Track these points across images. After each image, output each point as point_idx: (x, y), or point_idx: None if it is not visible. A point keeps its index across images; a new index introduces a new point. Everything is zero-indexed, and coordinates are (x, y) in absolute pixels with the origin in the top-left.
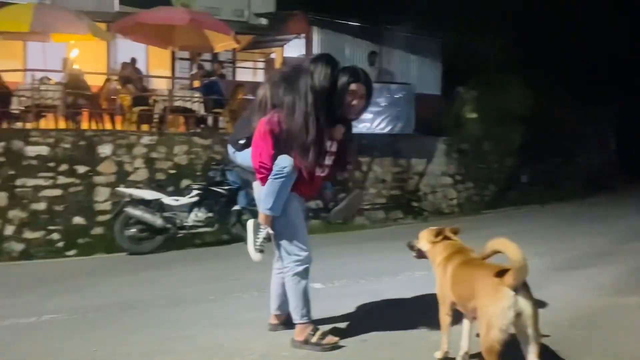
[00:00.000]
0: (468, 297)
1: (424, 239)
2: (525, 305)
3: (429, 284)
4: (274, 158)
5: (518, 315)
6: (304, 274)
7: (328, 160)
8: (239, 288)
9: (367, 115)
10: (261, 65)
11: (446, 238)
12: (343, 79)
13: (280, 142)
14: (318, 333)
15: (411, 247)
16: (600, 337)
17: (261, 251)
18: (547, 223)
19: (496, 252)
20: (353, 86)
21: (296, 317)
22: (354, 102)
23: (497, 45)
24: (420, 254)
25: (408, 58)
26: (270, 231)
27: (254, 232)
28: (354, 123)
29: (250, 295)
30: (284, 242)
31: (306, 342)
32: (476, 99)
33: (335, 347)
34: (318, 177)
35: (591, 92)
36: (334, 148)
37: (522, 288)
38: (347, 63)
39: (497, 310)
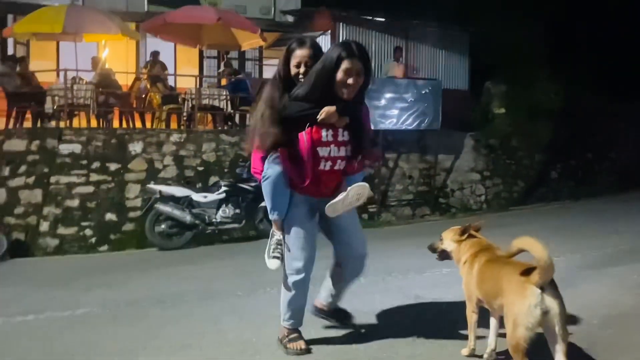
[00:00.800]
0: (495, 295)
1: (448, 239)
2: (552, 303)
3: (456, 281)
4: (264, 160)
5: (545, 313)
6: (294, 286)
7: (340, 152)
8: (266, 283)
9: (393, 111)
10: None
11: (471, 236)
12: (333, 56)
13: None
14: (291, 336)
15: (434, 249)
16: (631, 338)
17: (276, 257)
18: (579, 220)
19: (522, 250)
20: (346, 63)
21: (281, 318)
22: (349, 80)
23: (527, 38)
24: (444, 255)
25: (435, 52)
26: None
27: (270, 238)
28: (380, 117)
29: (279, 290)
30: (286, 247)
31: (280, 341)
32: (505, 94)
33: (299, 353)
34: (329, 173)
35: (626, 86)
36: (344, 137)
37: (549, 286)
38: (374, 58)
39: (523, 308)
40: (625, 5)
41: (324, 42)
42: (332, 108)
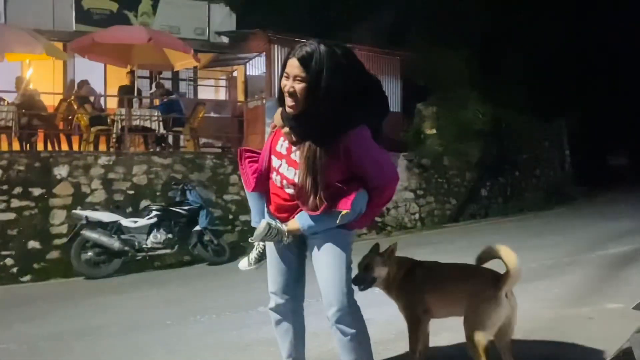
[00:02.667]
0: (454, 304)
1: (377, 265)
2: (512, 310)
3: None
4: None
5: (507, 319)
6: (271, 317)
7: (289, 172)
8: (198, 311)
9: None
10: (223, 83)
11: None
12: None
13: None
14: None
15: (363, 280)
16: (553, 349)
17: (252, 264)
18: (506, 236)
19: (494, 257)
20: (286, 64)
21: None
22: (285, 85)
23: (456, 61)
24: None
25: None
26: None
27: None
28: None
29: (209, 318)
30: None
31: None
32: (435, 115)
33: None
34: (280, 190)
35: (547, 107)
36: (295, 157)
37: (510, 293)
38: None
39: (493, 312)
40: (547, 31)
41: (259, 63)
42: (278, 111)
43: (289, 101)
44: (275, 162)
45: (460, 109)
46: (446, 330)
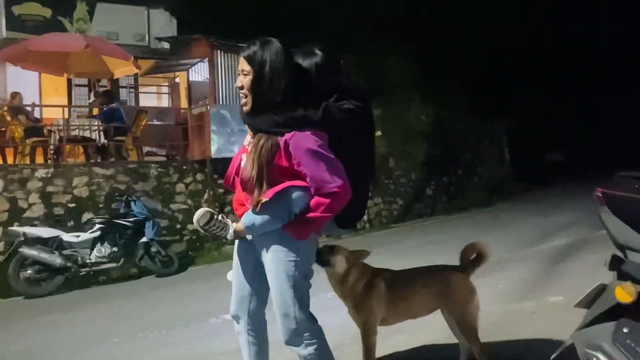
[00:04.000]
0: (421, 306)
1: (341, 255)
2: None
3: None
4: None
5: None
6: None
7: (246, 165)
8: (147, 326)
9: None
10: (165, 89)
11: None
12: None
13: None
14: None
15: (319, 255)
16: (499, 345)
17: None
18: (453, 233)
19: (476, 252)
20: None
21: None
22: (238, 82)
23: (399, 64)
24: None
25: None
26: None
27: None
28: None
29: (159, 333)
30: None
31: None
32: (380, 117)
33: None
34: (240, 183)
35: (487, 107)
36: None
37: None
38: None
39: (475, 299)
40: (488, 34)
41: (202, 69)
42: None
43: (241, 96)
44: (242, 155)
45: (405, 111)
46: (398, 333)
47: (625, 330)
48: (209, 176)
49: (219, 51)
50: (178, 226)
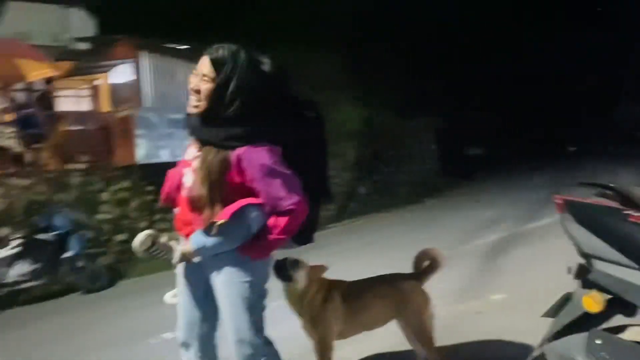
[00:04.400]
0: (379, 315)
1: (303, 272)
2: None
3: (284, 316)
4: None
5: None
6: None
7: (188, 181)
8: (74, 352)
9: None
10: (86, 93)
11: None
12: None
13: None
14: None
15: (280, 268)
16: (452, 348)
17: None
18: (388, 232)
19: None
20: (198, 64)
21: None
22: (191, 82)
23: (326, 63)
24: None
25: None
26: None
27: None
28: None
29: (98, 357)
30: None
31: None
32: None
33: None
34: (183, 203)
35: (414, 105)
36: (195, 164)
37: None
38: (182, 88)
39: (431, 312)
40: (414, 33)
41: (126, 71)
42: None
43: (192, 99)
44: (185, 169)
45: (335, 112)
46: (348, 344)
47: (598, 342)
48: (137, 183)
49: (144, 52)
50: (104, 237)
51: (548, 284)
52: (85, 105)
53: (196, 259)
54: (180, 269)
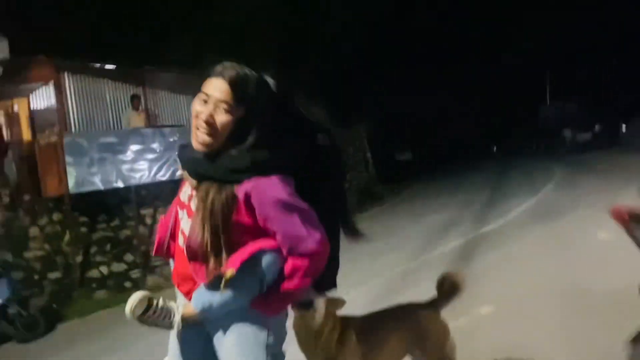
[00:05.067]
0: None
1: (323, 307)
2: None
3: None
4: None
5: None
6: None
7: (187, 227)
8: None
9: (142, 164)
10: (2, 120)
11: None
12: None
13: None
14: None
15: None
16: None
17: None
18: (343, 245)
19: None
20: (205, 85)
21: None
22: (198, 112)
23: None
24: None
25: (177, 98)
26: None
27: None
28: (129, 171)
29: None
30: None
31: None
32: None
33: None
34: (180, 253)
35: (346, 114)
36: (193, 205)
37: None
38: (109, 109)
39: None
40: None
41: (47, 94)
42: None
43: (202, 133)
44: (180, 213)
45: None
46: None
47: None
48: (68, 214)
49: (66, 73)
50: (36, 277)
51: (528, 291)
52: (2, 134)
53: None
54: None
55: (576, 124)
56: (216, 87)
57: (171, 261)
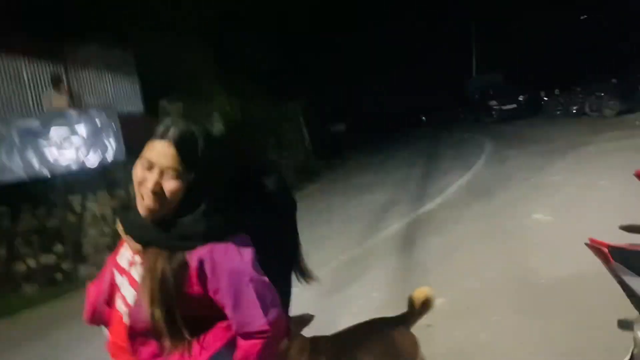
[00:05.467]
0: None
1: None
2: None
3: None
4: None
5: None
6: None
7: (128, 295)
8: None
9: (67, 149)
10: None
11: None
12: None
13: None
14: None
15: None
16: None
17: None
18: None
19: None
20: (148, 148)
21: None
22: (145, 180)
23: (197, 56)
24: None
25: (100, 77)
26: None
27: None
28: (54, 157)
29: None
30: None
31: None
32: (182, 110)
33: None
34: (118, 324)
35: (282, 90)
36: (136, 276)
37: None
38: (27, 89)
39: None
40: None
41: None
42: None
43: (149, 201)
44: (117, 278)
45: (207, 107)
46: None
47: None
48: None
49: None
50: None
51: (476, 279)
52: None
53: None
54: None
55: (501, 94)
56: (161, 153)
57: (104, 329)
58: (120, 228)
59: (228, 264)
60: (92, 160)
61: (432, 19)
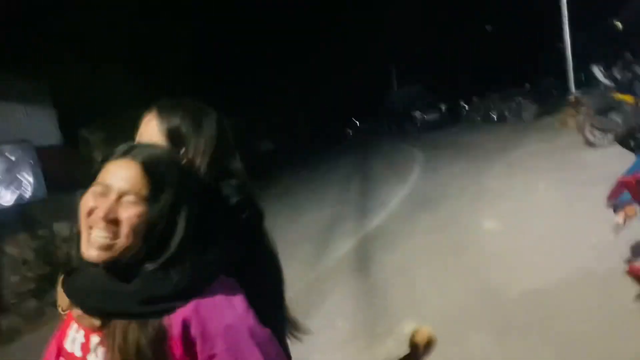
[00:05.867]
0: None
1: None
2: None
3: None
4: None
5: None
6: None
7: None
8: None
9: None
10: None
11: None
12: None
13: None
14: None
15: None
16: None
17: None
18: None
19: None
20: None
21: None
22: (95, 208)
23: (113, 76)
24: None
25: (14, 110)
26: None
27: None
28: None
29: None
30: None
31: None
32: (106, 139)
33: None
34: None
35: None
36: (97, 356)
37: None
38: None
39: None
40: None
41: None
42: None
43: (99, 234)
44: (74, 349)
45: (132, 127)
46: None
47: None
48: None
49: None
50: None
51: (441, 299)
52: None
53: None
54: None
55: (424, 104)
56: (120, 173)
57: None
58: (62, 299)
59: (221, 321)
60: (7, 198)
61: (353, 42)
